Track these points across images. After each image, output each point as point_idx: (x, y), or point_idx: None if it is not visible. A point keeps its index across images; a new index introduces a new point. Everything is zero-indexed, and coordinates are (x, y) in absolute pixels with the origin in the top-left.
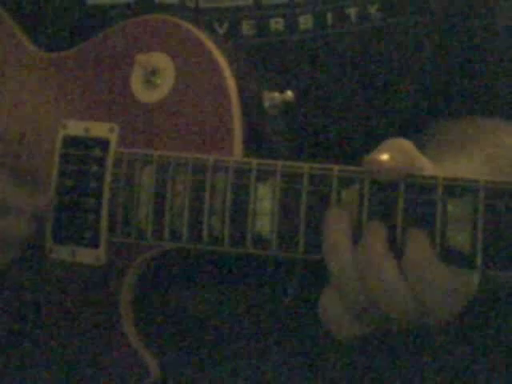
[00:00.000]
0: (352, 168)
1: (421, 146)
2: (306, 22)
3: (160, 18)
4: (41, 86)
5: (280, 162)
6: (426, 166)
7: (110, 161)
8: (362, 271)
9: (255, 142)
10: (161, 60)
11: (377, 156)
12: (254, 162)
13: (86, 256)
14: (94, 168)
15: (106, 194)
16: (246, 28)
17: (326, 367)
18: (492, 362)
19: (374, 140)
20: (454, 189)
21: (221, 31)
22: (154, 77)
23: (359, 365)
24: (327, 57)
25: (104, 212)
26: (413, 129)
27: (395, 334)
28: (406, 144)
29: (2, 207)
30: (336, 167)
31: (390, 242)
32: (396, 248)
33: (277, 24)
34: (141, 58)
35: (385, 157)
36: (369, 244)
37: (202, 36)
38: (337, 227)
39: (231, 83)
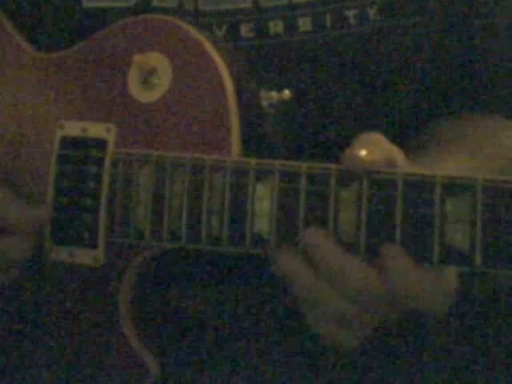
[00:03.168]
0: None
1: (421, 146)
2: (304, 24)
3: (158, 18)
4: (39, 86)
5: (278, 162)
6: (400, 157)
7: (107, 161)
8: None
9: (254, 141)
10: (158, 60)
11: (355, 152)
12: (253, 161)
13: (85, 257)
14: (92, 168)
15: (104, 195)
16: (245, 30)
17: (326, 367)
18: (492, 362)
19: None
20: (453, 187)
21: (219, 34)
22: (152, 77)
23: (359, 365)
24: (327, 57)
25: (102, 212)
26: (413, 129)
27: (395, 334)
28: (379, 137)
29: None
30: (334, 166)
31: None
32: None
33: (276, 26)
34: (138, 58)
35: (363, 152)
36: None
37: (200, 36)
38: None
39: (228, 83)
